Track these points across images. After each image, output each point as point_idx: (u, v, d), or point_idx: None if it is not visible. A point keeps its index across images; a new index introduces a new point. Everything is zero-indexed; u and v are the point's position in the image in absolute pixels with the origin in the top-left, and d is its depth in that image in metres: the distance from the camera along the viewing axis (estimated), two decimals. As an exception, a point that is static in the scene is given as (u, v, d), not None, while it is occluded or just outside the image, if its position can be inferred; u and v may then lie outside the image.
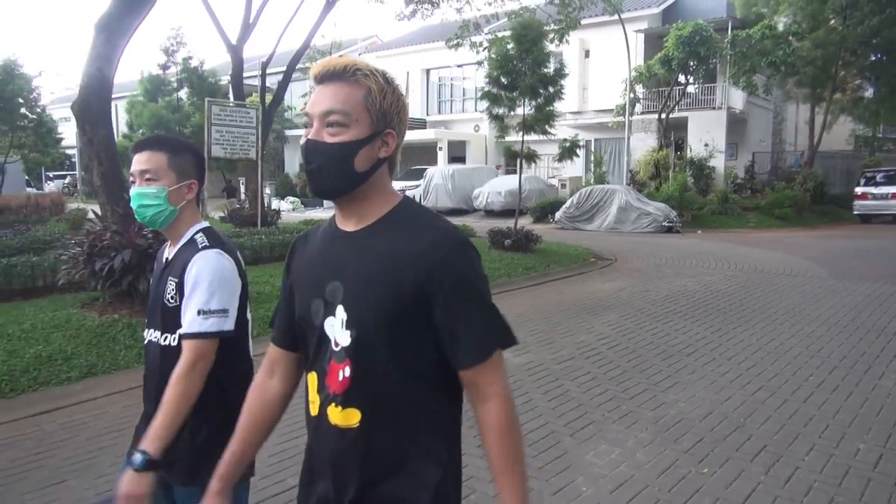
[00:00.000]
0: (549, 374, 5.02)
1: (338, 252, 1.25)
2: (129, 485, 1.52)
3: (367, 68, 1.20)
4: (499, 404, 1.19)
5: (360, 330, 1.18)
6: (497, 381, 1.20)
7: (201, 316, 1.65)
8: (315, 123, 1.20)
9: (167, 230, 1.80)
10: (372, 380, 1.19)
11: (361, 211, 1.24)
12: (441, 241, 1.19)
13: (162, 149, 1.75)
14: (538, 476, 3.33)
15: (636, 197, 18.07)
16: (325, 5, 16.10)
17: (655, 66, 20.82)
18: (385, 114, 1.21)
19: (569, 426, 3.99)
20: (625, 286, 9.00)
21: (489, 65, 17.54)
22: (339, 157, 1.18)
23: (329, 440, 1.23)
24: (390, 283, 1.17)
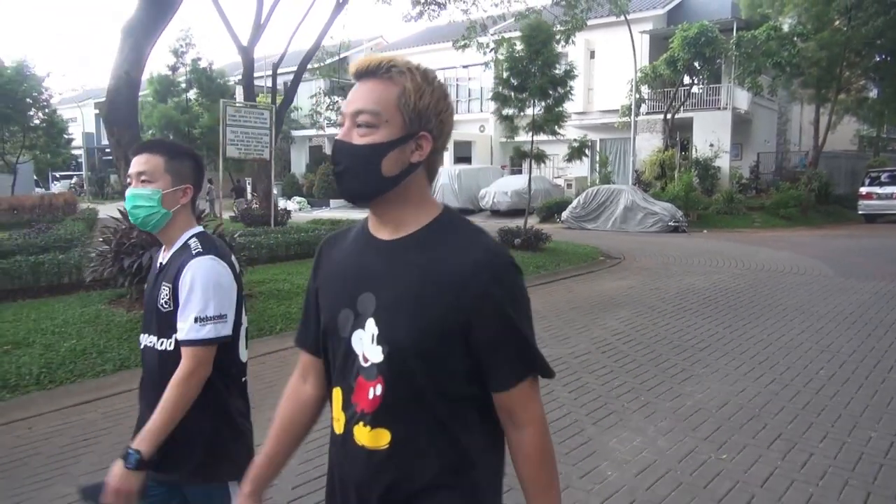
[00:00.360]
0: (568, 367, 5.19)
1: (371, 261, 1.18)
2: (119, 480, 1.56)
3: (405, 65, 1.14)
4: (535, 431, 1.15)
5: (392, 346, 1.12)
6: (534, 407, 1.16)
7: (198, 323, 1.65)
8: (346, 123, 1.14)
9: (161, 234, 1.78)
10: (404, 400, 1.13)
11: (398, 219, 1.17)
12: (488, 261, 1.11)
13: (160, 152, 1.75)
14: (565, 461, 3.49)
15: (642, 197, 18.22)
16: (336, 6, 16.28)
17: (661, 66, 20.97)
18: (420, 115, 1.13)
19: (590, 416, 4.16)
20: (634, 284, 9.15)
21: (499, 66, 17.74)
22: (366, 160, 1.12)
23: (355, 460, 1.17)
24: (430, 300, 1.10)
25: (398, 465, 1.14)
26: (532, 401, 1.15)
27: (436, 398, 1.12)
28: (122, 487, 1.55)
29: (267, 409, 4.28)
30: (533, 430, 1.15)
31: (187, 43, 21.62)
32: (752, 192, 22.36)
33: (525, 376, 1.14)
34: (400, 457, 1.14)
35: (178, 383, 1.63)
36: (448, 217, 1.19)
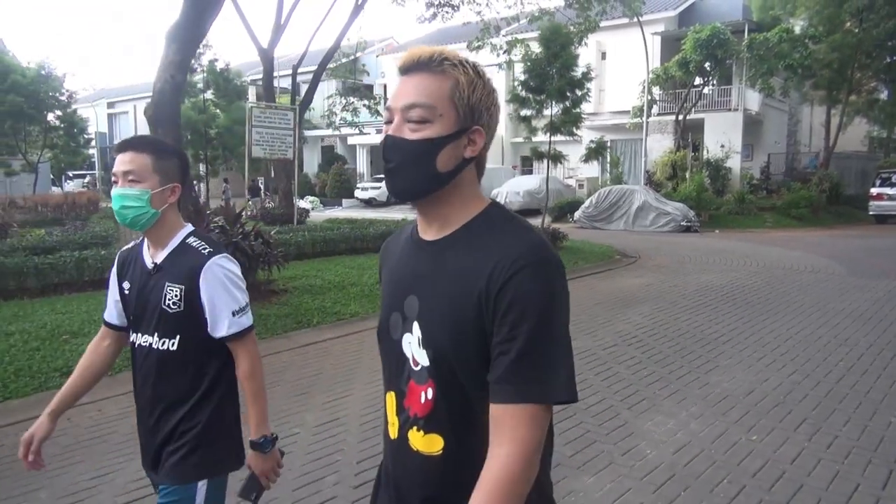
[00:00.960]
0: (598, 358, 5.45)
1: (416, 263, 1.16)
2: (265, 463, 1.76)
3: (456, 58, 1.09)
4: (509, 456, 0.98)
5: (435, 350, 1.09)
6: (523, 432, 0.99)
7: (237, 316, 1.71)
8: (396, 118, 1.09)
9: (150, 233, 1.75)
10: (453, 404, 1.08)
11: (443, 217, 1.13)
12: (519, 256, 1.03)
13: (146, 150, 1.70)
14: (606, 440, 3.76)
15: (655, 197, 18.44)
16: (354, 8, 16.58)
17: (673, 68, 21.18)
18: (473, 109, 1.09)
19: (624, 401, 4.42)
20: (653, 282, 9.39)
21: (512, 67, 17.92)
22: (421, 156, 1.07)
23: (410, 466, 1.14)
24: (460, 300, 1.06)
25: (452, 470, 1.10)
26: (525, 426, 0.98)
27: (482, 402, 1.04)
28: (267, 467, 1.76)
29: (317, 394, 4.58)
30: (510, 455, 0.98)
31: (204, 45, 21.95)
32: (763, 192, 22.55)
33: (524, 400, 0.99)
34: (453, 463, 1.10)
35: (250, 375, 1.74)
36: (491, 213, 1.13)
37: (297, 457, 3.57)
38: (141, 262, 1.78)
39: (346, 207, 27.52)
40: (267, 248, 7.04)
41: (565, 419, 4.07)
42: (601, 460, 3.53)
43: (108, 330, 1.91)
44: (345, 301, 7.28)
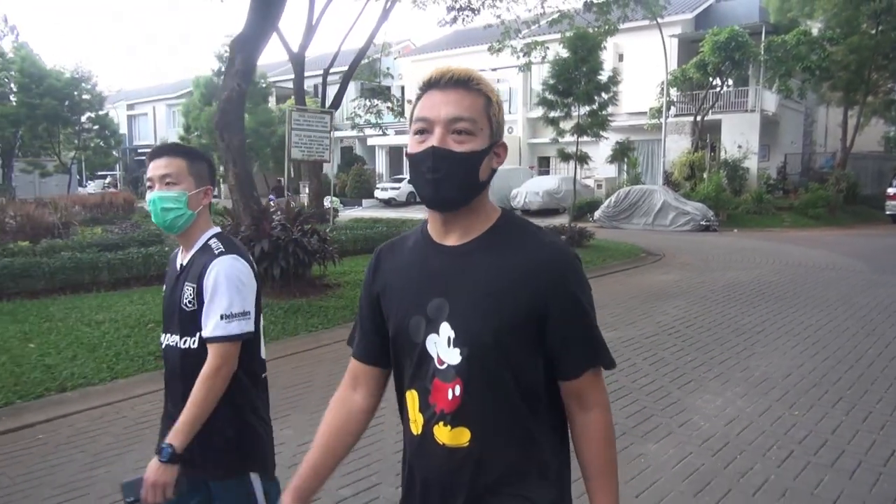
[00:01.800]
0: (642, 345, 5.88)
1: (439, 267, 1.22)
2: (155, 474, 1.63)
3: (484, 79, 1.20)
4: (601, 413, 1.23)
5: (472, 347, 1.16)
6: (601, 391, 1.23)
7: (224, 320, 1.69)
8: (438, 130, 1.15)
9: (182, 235, 1.81)
10: (484, 398, 1.17)
11: (466, 225, 1.22)
12: (557, 257, 1.19)
13: (181, 155, 1.80)
14: (662, 415, 4.19)
15: (674, 197, 18.79)
16: (382, 12, 17.06)
17: (691, 70, 21.51)
18: (500, 126, 1.21)
19: (673, 382, 4.85)
20: (681, 278, 9.80)
21: (529, 70, 18.23)
22: (467, 167, 1.16)
23: (436, 459, 1.21)
24: (503, 298, 1.16)
25: (480, 459, 1.19)
26: (599, 385, 1.23)
27: (513, 392, 1.18)
28: (158, 480, 1.62)
29: None
30: (599, 413, 1.22)
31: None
32: (780, 192, 22.82)
33: (595, 364, 1.21)
34: (481, 452, 1.18)
35: (206, 379, 1.68)
36: (510, 219, 1.25)
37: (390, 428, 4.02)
38: (174, 265, 1.86)
39: (366, 207, 28.00)
40: (323, 245, 7.52)
41: (623, 397, 4.51)
42: (661, 430, 3.96)
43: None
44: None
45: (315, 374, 5.17)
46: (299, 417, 4.21)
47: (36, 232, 8.87)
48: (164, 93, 45.50)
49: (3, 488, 3.30)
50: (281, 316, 6.61)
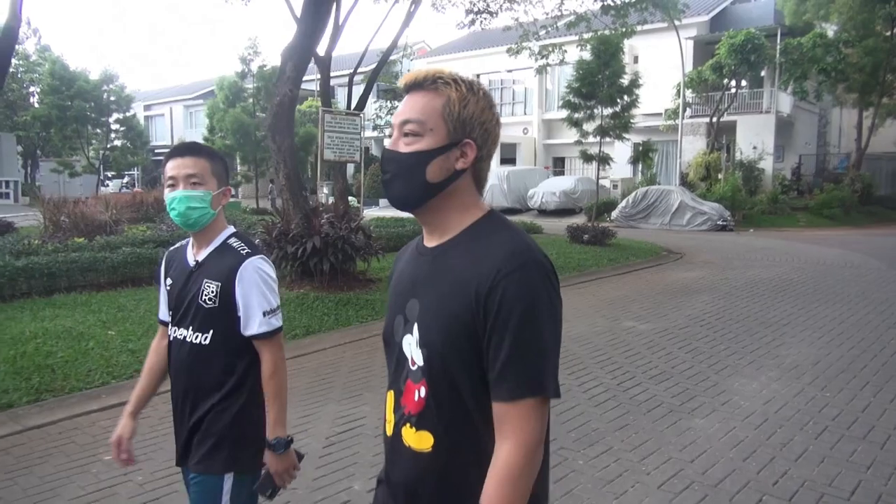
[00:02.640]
0: (676, 336, 6.25)
1: (418, 268, 1.24)
2: (281, 464, 1.78)
3: (451, 77, 1.18)
4: (512, 449, 1.06)
5: (430, 349, 1.15)
6: (523, 426, 1.07)
7: (267, 316, 1.78)
8: (395, 133, 1.19)
9: (200, 233, 1.84)
10: (444, 403, 1.14)
11: (443, 226, 1.21)
12: (508, 259, 1.10)
13: (204, 155, 1.84)
14: (704, 395, 4.57)
15: (691, 197, 19.12)
16: (406, 17, 17.46)
17: (706, 72, 21.82)
18: (465, 123, 1.17)
19: (711, 368, 5.23)
20: (704, 275, 10.15)
21: (544, 72, 18.50)
22: (412, 167, 1.16)
23: (403, 461, 1.21)
24: (453, 301, 1.13)
25: (442, 467, 1.16)
26: (524, 420, 1.07)
27: (472, 401, 1.12)
28: (284, 467, 1.80)
29: None
30: (512, 447, 1.06)
31: (254, 51, 23.06)
32: (794, 193, 23.09)
33: (523, 396, 1.07)
34: (443, 459, 1.16)
35: (274, 374, 1.79)
36: (488, 220, 1.20)
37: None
38: (184, 260, 1.89)
39: (382, 207, 28.44)
40: (368, 242, 7.94)
41: (665, 380, 4.90)
42: (705, 408, 4.35)
43: (164, 328, 1.98)
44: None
45: (374, 359, 5.57)
46: (371, 395, 4.62)
47: (90, 229, 9.32)
48: (180, 94, 46.19)
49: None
50: (333, 308, 7.03)
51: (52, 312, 6.37)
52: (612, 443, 3.78)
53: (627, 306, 7.74)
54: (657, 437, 3.88)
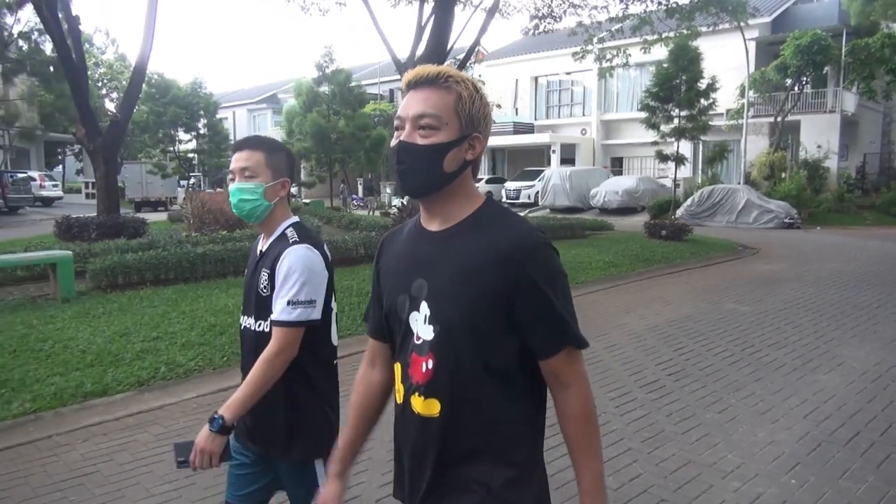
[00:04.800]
0: (777, 317, 7.05)
1: (423, 250, 1.31)
2: (204, 441, 1.73)
3: (458, 76, 1.27)
4: (578, 392, 1.26)
5: (443, 325, 1.25)
6: (578, 370, 1.27)
7: (290, 306, 1.76)
8: (407, 126, 1.26)
9: (262, 224, 1.89)
10: (453, 373, 1.25)
11: (446, 211, 1.30)
12: (526, 241, 1.24)
13: (260, 148, 1.86)
14: (819, 359, 5.41)
15: (757, 195, 19.57)
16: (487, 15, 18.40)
17: (770, 72, 22.18)
18: (473, 119, 1.27)
19: (819, 339, 6.05)
20: (785, 267, 10.83)
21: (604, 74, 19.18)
22: (430, 158, 1.24)
23: (412, 427, 1.31)
24: (475, 279, 1.23)
25: (448, 431, 1.26)
26: (573, 365, 1.26)
27: (481, 371, 1.24)
28: (206, 447, 1.72)
29: None
30: (576, 390, 1.26)
31: (330, 59, 24.43)
32: (859, 191, 23.22)
33: (561, 347, 1.25)
34: (449, 424, 1.26)
35: (265, 360, 1.76)
36: (490, 207, 1.32)
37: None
38: (254, 251, 1.96)
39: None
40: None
41: (783, 347, 5.75)
42: (823, 367, 5.18)
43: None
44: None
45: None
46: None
47: (229, 223, 10.58)
48: (242, 98, 48.20)
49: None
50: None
51: (235, 292, 7.54)
52: (754, 389, 4.68)
53: (723, 293, 8.54)
54: (790, 387, 4.74)
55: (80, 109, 12.72)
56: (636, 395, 4.59)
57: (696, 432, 3.90)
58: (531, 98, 32.74)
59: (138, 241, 9.79)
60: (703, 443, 3.75)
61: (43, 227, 17.43)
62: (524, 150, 31.65)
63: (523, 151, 31.74)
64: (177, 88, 22.97)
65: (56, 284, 7.07)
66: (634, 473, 3.38)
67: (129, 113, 13.26)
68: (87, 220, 12.28)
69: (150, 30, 12.46)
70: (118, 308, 6.59)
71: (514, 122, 31.13)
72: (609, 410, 4.28)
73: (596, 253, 11.32)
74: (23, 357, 5.06)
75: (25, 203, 24.57)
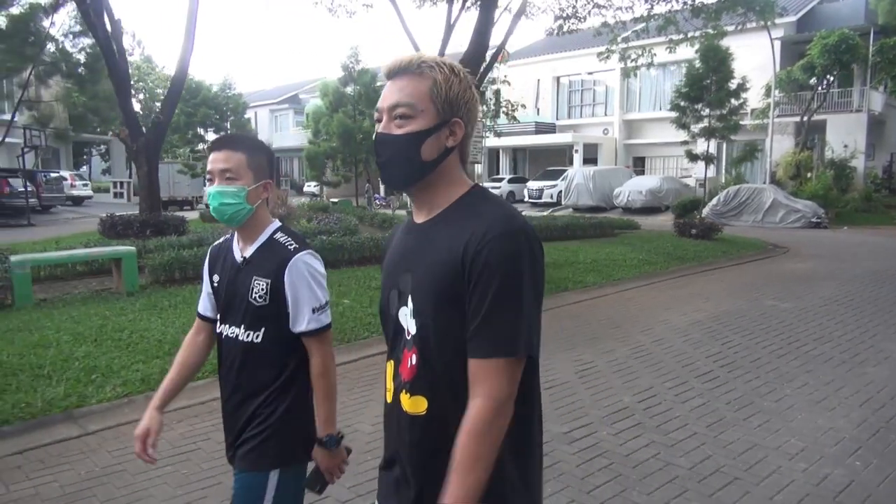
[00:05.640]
0: (818, 313, 7.20)
1: (409, 243, 1.29)
2: (330, 460, 1.80)
3: (434, 61, 1.22)
4: (482, 405, 1.11)
5: (422, 319, 1.20)
6: (493, 384, 1.12)
7: (316, 313, 1.75)
8: (384, 118, 1.22)
9: (242, 228, 1.80)
10: (434, 369, 1.20)
11: (431, 201, 1.26)
12: (493, 224, 1.15)
13: (241, 148, 1.77)
14: (867, 352, 5.56)
15: (784, 195, 19.57)
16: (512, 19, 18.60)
17: (796, 72, 22.14)
18: (451, 103, 1.21)
19: (864, 334, 6.20)
20: (818, 266, 10.92)
21: (628, 73, 19.29)
22: (407, 148, 1.20)
23: (401, 425, 1.26)
24: (440, 269, 1.18)
25: (435, 429, 1.21)
26: (495, 377, 1.12)
27: (458, 364, 1.16)
28: (332, 463, 1.81)
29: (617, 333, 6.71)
30: (482, 404, 1.12)
31: (356, 60, 24.76)
32: (886, 191, 23.11)
33: (493, 355, 1.12)
34: (435, 422, 1.21)
35: (323, 373, 1.78)
36: (474, 193, 1.25)
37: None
38: (231, 256, 1.85)
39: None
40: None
41: (828, 342, 5.91)
42: (871, 360, 5.33)
43: (202, 323, 1.96)
44: (581, 274, 9.30)
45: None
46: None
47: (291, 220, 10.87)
48: (264, 99, 48.69)
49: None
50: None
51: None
52: (806, 380, 4.85)
53: (760, 290, 8.67)
54: (840, 378, 4.91)
55: (124, 110, 13.10)
56: (692, 384, 4.79)
57: (757, 419, 4.09)
58: (553, 98, 32.87)
59: (187, 238, 10.10)
60: (765, 428, 3.94)
61: (78, 226, 17.94)
62: (545, 150, 31.78)
63: (544, 151, 31.87)
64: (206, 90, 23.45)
65: (120, 278, 7.38)
66: (704, 455, 3.57)
67: (171, 114, 13.63)
68: (130, 217, 12.66)
69: (191, 35, 12.82)
70: (182, 301, 6.88)
71: (535, 121, 31.27)
72: (668, 398, 4.48)
73: (629, 251, 11.49)
74: (105, 346, 5.36)
75: (58, 202, 25.15)
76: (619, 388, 4.70)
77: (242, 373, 1.79)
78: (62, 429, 4.02)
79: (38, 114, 23.44)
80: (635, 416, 4.16)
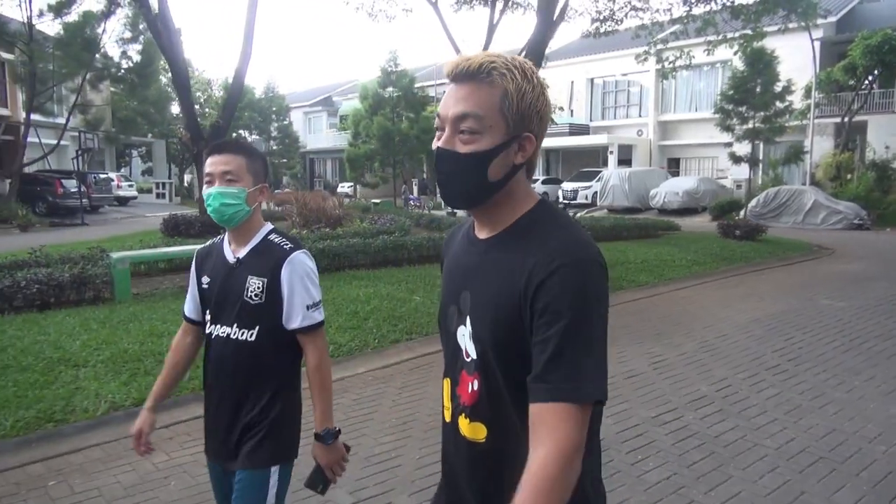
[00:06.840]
0: (875, 311, 7.40)
1: (470, 260, 1.21)
2: (328, 455, 1.84)
3: (505, 65, 1.09)
4: (547, 456, 0.98)
5: (482, 344, 1.14)
6: (560, 432, 0.99)
7: (310, 310, 1.80)
8: (447, 129, 1.12)
9: (236, 230, 1.85)
10: (494, 397, 1.14)
11: (496, 218, 1.17)
12: (556, 256, 1.05)
13: (241, 152, 1.84)
14: (885, 374, 5.79)
15: (825, 196, 19.52)
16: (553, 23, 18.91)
17: (837, 73, 22.03)
18: (523, 117, 1.11)
19: (921, 334, 6.41)
20: (866, 267, 11.03)
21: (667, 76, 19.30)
22: (472, 168, 1.10)
23: (460, 450, 1.22)
24: (501, 295, 1.10)
25: (495, 458, 1.16)
26: (564, 425, 0.99)
27: (521, 399, 1.06)
28: (332, 459, 1.85)
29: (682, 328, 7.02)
30: (548, 455, 0.98)
31: (395, 63, 25.27)
32: (927, 193, 22.83)
33: (560, 399, 1.00)
34: (497, 451, 1.16)
35: (319, 366, 1.84)
36: (538, 211, 1.17)
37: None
38: (222, 257, 1.89)
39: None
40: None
41: (891, 338, 6.12)
42: (934, 358, 5.57)
43: (189, 325, 2.01)
44: (633, 273, 9.59)
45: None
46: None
47: (330, 222, 11.34)
48: (297, 101, 49.51)
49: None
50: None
51: (358, 283, 8.23)
52: (874, 374, 5.11)
53: (811, 290, 8.87)
54: (906, 372, 5.16)
55: (186, 115, 13.72)
56: (763, 376, 5.08)
57: (831, 407, 4.38)
58: (587, 99, 33.03)
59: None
60: (841, 416, 4.23)
61: (129, 225, 18.68)
62: (578, 151, 31.93)
63: (577, 152, 32.03)
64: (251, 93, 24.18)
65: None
66: (788, 437, 3.88)
67: (231, 118, 14.22)
68: (191, 217, 13.27)
69: (249, 41, 13.38)
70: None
71: (569, 123, 31.46)
72: (744, 389, 4.78)
73: (676, 251, 11.71)
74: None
75: (106, 202, 26.08)
76: (694, 379, 5.01)
77: (237, 373, 1.82)
78: (194, 408, 4.46)
79: (89, 117, 24.40)
80: (716, 404, 4.47)
